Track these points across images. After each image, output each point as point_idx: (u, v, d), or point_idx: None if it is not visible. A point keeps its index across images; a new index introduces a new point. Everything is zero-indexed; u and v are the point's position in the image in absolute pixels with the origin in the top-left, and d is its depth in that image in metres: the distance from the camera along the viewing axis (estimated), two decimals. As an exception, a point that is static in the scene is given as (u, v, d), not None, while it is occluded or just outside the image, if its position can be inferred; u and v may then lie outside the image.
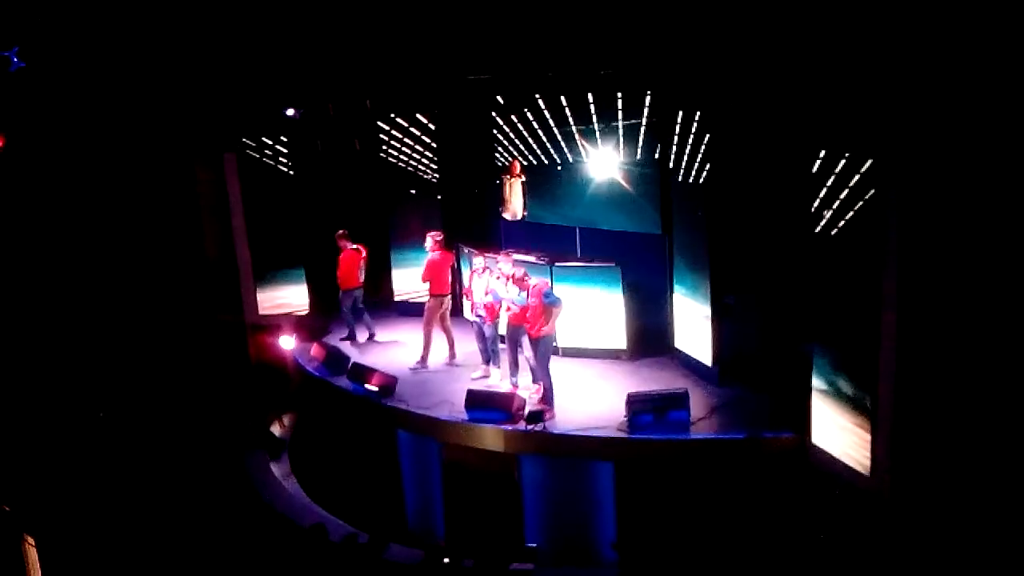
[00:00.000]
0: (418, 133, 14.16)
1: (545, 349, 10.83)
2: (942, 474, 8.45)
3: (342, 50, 13.56)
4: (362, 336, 13.65)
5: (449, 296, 12.84)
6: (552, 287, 11.51)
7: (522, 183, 13.35)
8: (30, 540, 11.03)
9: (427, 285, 12.68)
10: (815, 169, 9.15)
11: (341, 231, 13.52)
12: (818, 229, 9.29)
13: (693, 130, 11.11)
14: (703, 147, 10.99)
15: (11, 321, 14.85)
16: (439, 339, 12.70)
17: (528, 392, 11.18)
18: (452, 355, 12.68)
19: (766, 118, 10.32)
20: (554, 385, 10.96)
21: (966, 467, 8.26)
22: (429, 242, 12.68)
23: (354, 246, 13.41)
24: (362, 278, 13.51)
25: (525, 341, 11.10)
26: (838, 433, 9.34)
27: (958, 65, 8.07)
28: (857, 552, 9.21)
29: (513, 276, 11.08)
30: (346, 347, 13.24)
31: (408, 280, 14.42)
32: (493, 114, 13.66)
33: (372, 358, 12.76)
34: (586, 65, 12.15)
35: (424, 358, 12.59)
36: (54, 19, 13.75)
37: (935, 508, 8.50)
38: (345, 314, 13.61)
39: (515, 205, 13.50)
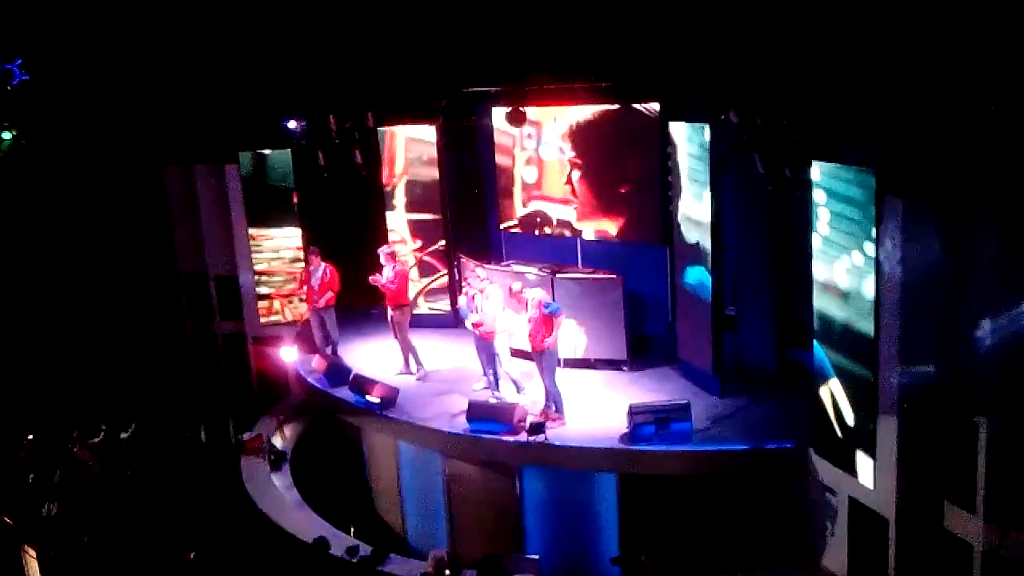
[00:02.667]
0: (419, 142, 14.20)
1: (551, 359, 10.80)
2: (947, 486, 8.41)
3: (343, 63, 13.60)
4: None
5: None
6: (553, 298, 11.50)
7: None
8: (31, 551, 11.01)
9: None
10: (815, 177, 9.13)
11: (316, 247, 13.13)
12: (818, 236, 9.27)
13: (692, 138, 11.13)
14: (702, 155, 11.00)
15: (16, 332, 14.88)
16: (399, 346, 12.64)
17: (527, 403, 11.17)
18: (409, 365, 12.64)
19: (763, 127, 10.32)
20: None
21: (973, 476, 8.22)
22: (384, 257, 12.36)
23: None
24: None
25: (501, 355, 11.29)
26: (841, 443, 9.29)
27: (961, 70, 8.08)
28: (861, 564, 9.16)
29: (510, 290, 11.05)
30: (347, 359, 13.18)
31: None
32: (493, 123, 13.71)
33: (373, 370, 12.73)
34: (583, 76, 12.17)
35: (419, 364, 12.56)
36: (59, 33, 13.83)
37: (939, 519, 8.47)
38: (332, 328, 13.23)
39: None
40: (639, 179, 12.60)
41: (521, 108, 12.55)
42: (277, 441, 13.08)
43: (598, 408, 11.22)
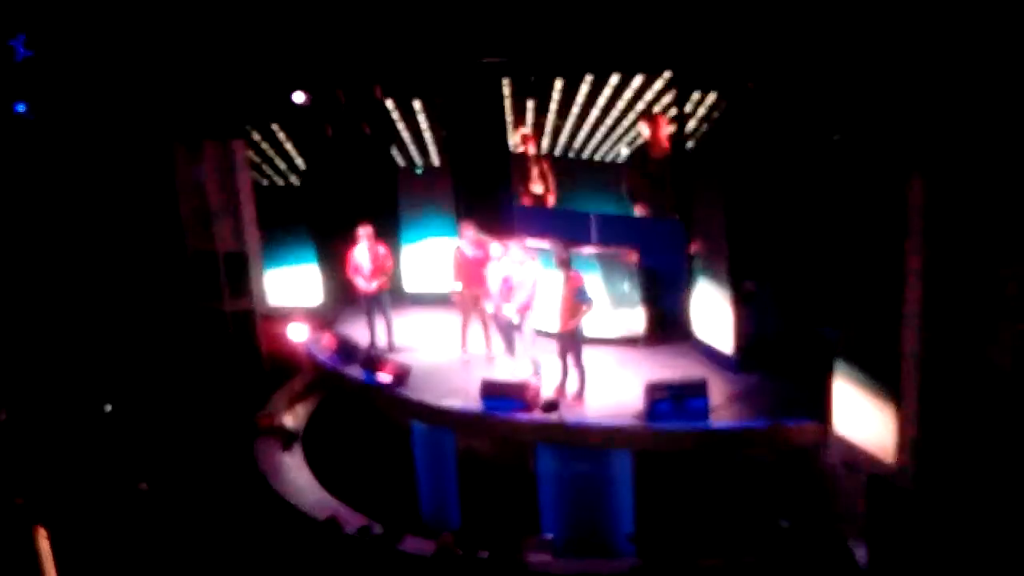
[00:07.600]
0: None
1: (577, 340, 10.63)
2: (968, 461, 8.28)
3: (351, 34, 13.41)
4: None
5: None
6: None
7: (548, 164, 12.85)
8: (43, 532, 10.99)
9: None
10: (836, 149, 8.95)
11: (369, 225, 12.50)
12: (840, 209, 9.09)
13: (711, 111, 10.92)
14: (721, 129, 10.79)
15: (24, 313, 14.85)
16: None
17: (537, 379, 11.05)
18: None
19: (787, 99, 10.13)
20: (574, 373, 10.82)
21: (994, 453, 8.09)
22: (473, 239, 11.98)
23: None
24: None
25: (530, 333, 11.16)
26: (861, 420, 9.16)
27: (980, 45, 7.88)
28: (882, 541, 9.06)
29: (557, 258, 10.84)
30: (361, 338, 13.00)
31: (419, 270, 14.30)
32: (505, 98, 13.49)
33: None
34: (601, 49, 11.95)
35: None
36: (63, 9, 13.68)
37: (961, 496, 8.35)
38: (388, 316, 12.66)
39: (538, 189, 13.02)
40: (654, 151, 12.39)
41: (532, 79, 12.36)
42: (289, 420, 13.05)
43: (613, 385, 11.11)
